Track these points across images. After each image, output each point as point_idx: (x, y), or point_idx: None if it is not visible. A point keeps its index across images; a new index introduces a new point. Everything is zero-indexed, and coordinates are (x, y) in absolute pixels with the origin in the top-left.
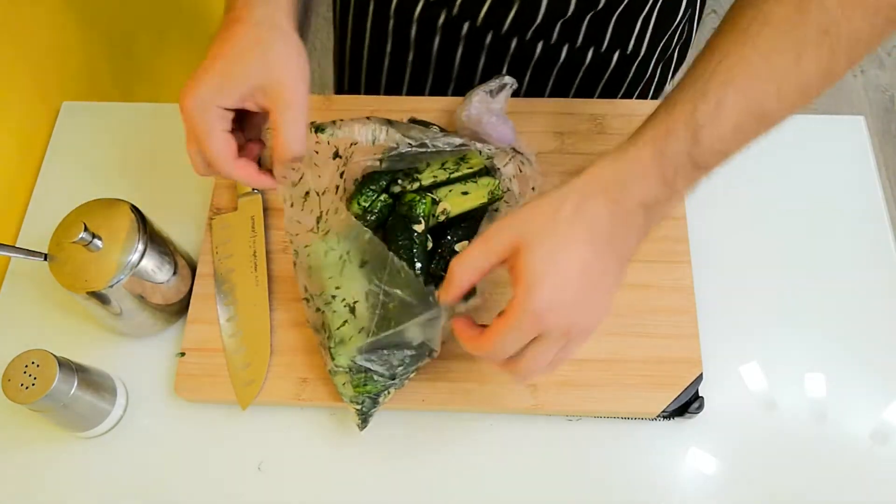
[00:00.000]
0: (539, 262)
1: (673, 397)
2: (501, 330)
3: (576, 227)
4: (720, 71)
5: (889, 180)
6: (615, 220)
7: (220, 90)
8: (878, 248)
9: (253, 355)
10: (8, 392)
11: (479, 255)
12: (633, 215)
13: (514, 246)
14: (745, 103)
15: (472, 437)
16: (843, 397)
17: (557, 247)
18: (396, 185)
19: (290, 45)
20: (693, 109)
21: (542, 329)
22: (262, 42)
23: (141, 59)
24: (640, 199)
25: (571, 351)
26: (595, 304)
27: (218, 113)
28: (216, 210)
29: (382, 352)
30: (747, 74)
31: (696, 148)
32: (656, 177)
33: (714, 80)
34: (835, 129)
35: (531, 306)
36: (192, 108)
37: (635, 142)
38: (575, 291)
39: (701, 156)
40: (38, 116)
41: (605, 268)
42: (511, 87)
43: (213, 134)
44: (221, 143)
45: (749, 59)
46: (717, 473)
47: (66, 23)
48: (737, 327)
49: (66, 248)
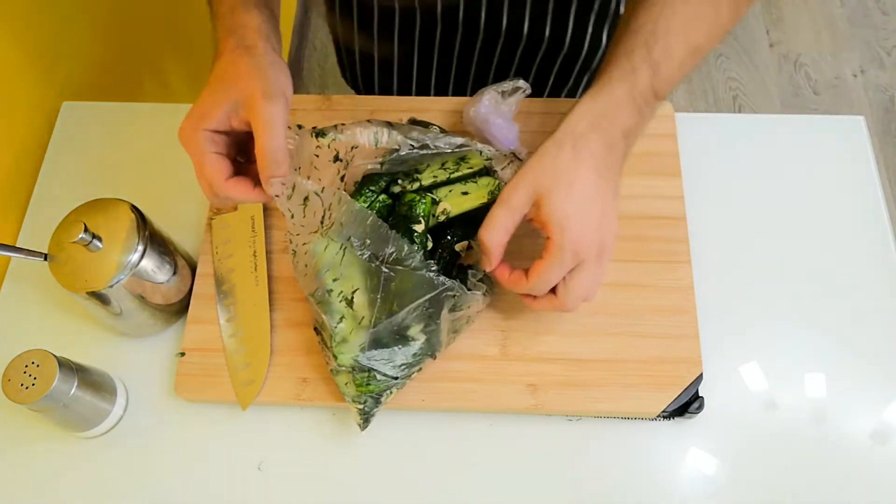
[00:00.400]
0: (560, 204)
1: (673, 397)
2: (545, 268)
3: (578, 164)
4: (662, 19)
5: (889, 180)
6: (606, 149)
7: (204, 115)
8: (878, 248)
9: (253, 355)
10: (8, 392)
11: (503, 217)
12: (618, 143)
13: (533, 199)
14: (685, 43)
15: (472, 437)
16: (843, 397)
17: (571, 187)
18: (396, 186)
19: (259, 60)
20: (649, 51)
21: (580, 258)
22: (234, 63)
23: (141, 59)
24: (621, 129)
25: (602, 273)
26: (610, 223)
27: (206, 136)
28: (216, 210)
29: (385, 350)
30: (684, 21)
31: (656, 80)
32: (630, 108)
33: (659, 27)
34: (835, 129)
35: (566, 242)
36: (184, 137)
37: (607, 83)
38: (595, 217)
39: (660, 86)
40: (38, 116)
41: (609, 190)
42: (524, 92)
43: (205, 157)
44: (212, 164)
45: (683, 10)
46: (717, 473)
47: (66, 23)
48: (737, 327)
49: (66, 248)
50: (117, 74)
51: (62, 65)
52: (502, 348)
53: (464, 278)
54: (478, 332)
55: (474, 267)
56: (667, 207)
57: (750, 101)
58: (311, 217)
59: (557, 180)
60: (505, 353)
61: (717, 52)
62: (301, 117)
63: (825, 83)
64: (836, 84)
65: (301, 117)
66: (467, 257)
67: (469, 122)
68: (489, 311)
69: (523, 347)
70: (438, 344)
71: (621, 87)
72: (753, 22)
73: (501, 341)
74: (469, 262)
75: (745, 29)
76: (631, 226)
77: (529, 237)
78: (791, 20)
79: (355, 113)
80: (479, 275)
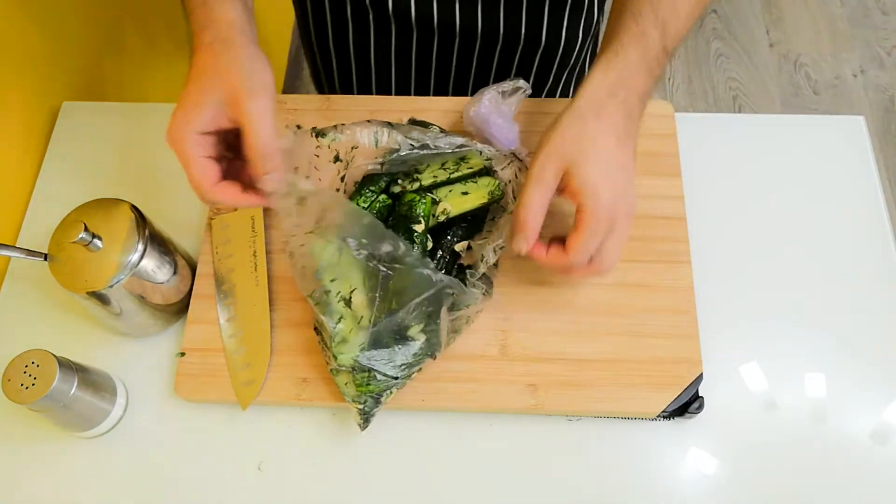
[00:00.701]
0: (590, 174)
1: (673, 397)
2: (585, 238)
3: (602, 133)
4: None
5: (889, 180)
6: (626, 116)
7: (190, 117)
8: (878, 248)
9: (253, 355)
10: (8, 392)
11: (538, 193)
12: (636, 108)
13: (563, 172)
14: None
15: (472, 437)
16: (843, 397)
17: (598, 156)
18: (396, 186)
19: (237, 54)
20: (655, 11)
21: (614, 223)
22: (213, 59)
23: (141, 59)
24: (638, 94)
25: (628, 235)
26: (633, 186)
27: (193, 140)
28: (216, 210)
29: (385, 350)
30: None
31: (666, 39)
32: (644, 72)
33: None
34: (835, 129)
35: (600, 210)
36: (172, 141)
37: (619, 48)
38: (622, 182)
39: (670, 44)
40: (38, 116)
41: (630, 156)
42: (525, 93)
43: (193, 161)
44: (199, 169)
45: None
46: (717, 473)
47: (66, 23)
48: (737, 327)
49: (66, 248)
50: (117, 74)
51: (62, 65)
52: (502, 348)
53: (463, 278)
54: (478, 332)
55: (474, 267)
56: (667, 207)
57: (750, 101)
58: (307, 217)
59: (584, 151)
60: (505, 353)
61: (718, 52)
62: (301, 117)
63: (825, 83)
64: (836, 84)
65: (301, 117)
66: (467, 257)
67: (469, 122)
68: (489, 311)
69: (523, 347)
70: (438, 344)
71: (634, 52)
72: (753, 22)
73: (501, 341)
74: (469, 262)
75: (745, 29)
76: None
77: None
78: (791, 20)
79: (355, 113)
80: (478, 274)
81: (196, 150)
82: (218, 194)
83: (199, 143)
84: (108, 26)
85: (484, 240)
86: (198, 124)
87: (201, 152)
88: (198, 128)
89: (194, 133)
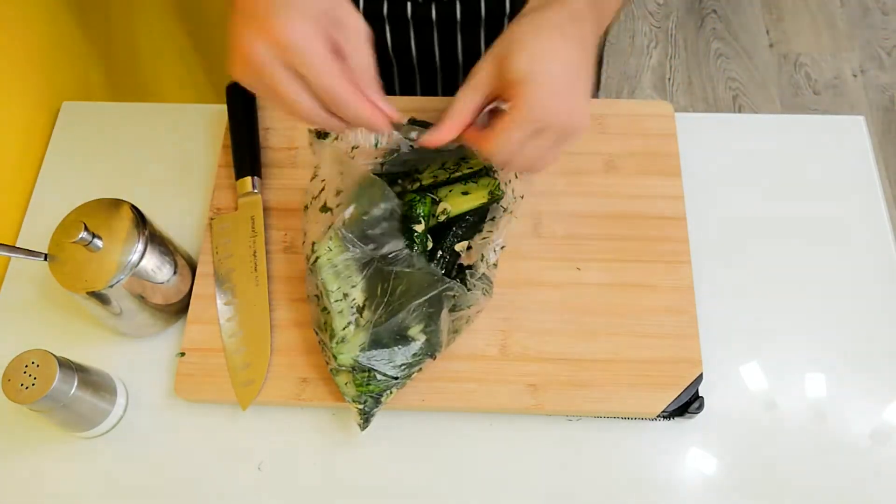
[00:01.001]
0: (528, 60)
1: (673, 397)
2: (506, 128)
3: (540, 29)
4: None
5: (889, 180)
6: (569, 19)
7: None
8: (877, 248)
9: (253, 355)
10: (8, 392)
11: (467, 88)
12: (583, 13)
13: (498, 61)
14: None
15: (472, 437)
16: (843, 397)
17: (542, 47)
18: (396, 185)
19: None
20: None
21: (542, 123)
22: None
23: (141, 59)
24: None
25: (558, 153)
26: (582, 101)
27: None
28: (216, 210)
29: (385, 350)
30: None
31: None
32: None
33: None
34: (835, 129)
35: (529, 102)
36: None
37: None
38: (564, 85)
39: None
40: (38, 116)
41: (580, 57)
42: None
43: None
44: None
45: None
46: (717, 473)
47: (65, 23)
48: (737, 327)
49: (66, 248)
50: (117, 74)
51: (62, 65)
52: (502, 348)
53: (463, 278)
54: (478, 332)
55: (474, 267)
56: (667, 207)
57: (750, 101)
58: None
59: (527, 40)
60: (505, 353)
61: (718, 52)
62: None
63: (825, 83)
64: (836, 84)
65: None
66: (467, 257)
67: None
68: (489, 311)
69: (523, 347)
70: (438, 344)
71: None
72: (753, 22)
73: (501, 341)
74: (469, 262)
75: (745, 29)
76: (631, 226)
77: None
78: (791, 20)
79: None
80: (478, 274)
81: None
82: (364, 106)
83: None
84: (107, 26)
85: (484, 240)
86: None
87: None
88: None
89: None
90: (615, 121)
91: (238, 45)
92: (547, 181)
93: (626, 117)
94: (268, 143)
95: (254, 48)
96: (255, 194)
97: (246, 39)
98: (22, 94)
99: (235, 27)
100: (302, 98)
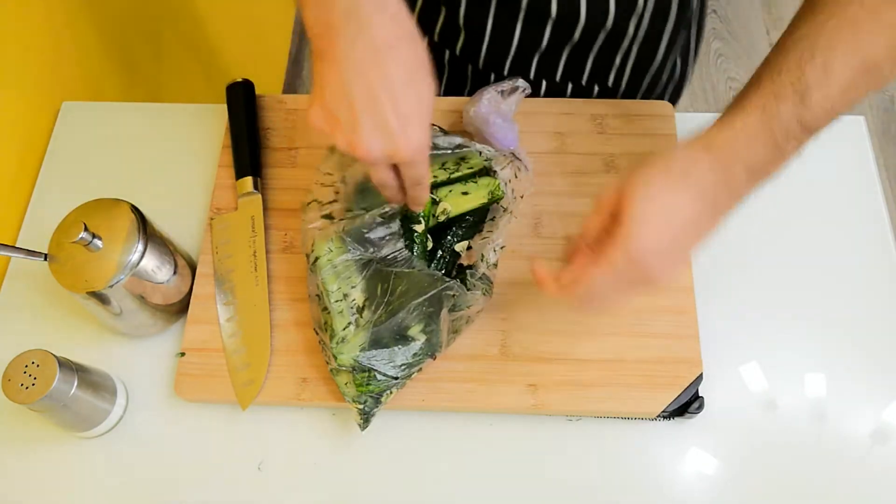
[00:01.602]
0: (645, 203)
1: (673, 397)
2: (597, 272)
3: (684, 182)
4: (826, 31)
5: (889, 180)
6: (720, 182)
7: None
8: (878, 248)
9: (253, 355)
10: (8, 392)
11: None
12: (738, 179)
13: (620, 191)
14: (854, 61)
15: (472, 437)
16: (843, 397)
17: (663, 192)
18: None
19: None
20: (802, 72)
21: (638, 276)
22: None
23: (141, 59)
24: (746, 165)
25: (640, 292)
26: (681, 259)
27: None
28: (216, 210)
29: (385, 350)
30: (855, 30)
31: (804, 110)
32: (764, 142)
33: (820, 41)
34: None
35: (632, 247)
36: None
37: (742, 108)
38: (671, 241)
39: (811, 118)
40: (38, 116)
41: (702, 228)
42: (523, 92)
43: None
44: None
45: (856, 17)
46: (717, 473)
47: (65, 23)
48: (737, 327)
49: (66, 248)
50: (117, 74)
51: (62, 65)
52: (502, 348)
53: (463, 278)
54: (478, 332)
55: (474, 267)
56: None
57: None
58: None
59: (652, 182)
60: (505, 353)
61: (718, 52)
62: (301, 117)
63: None
64: None
65: (301, 117)
66: (467, 257)
67: (469, 122)
68: (489, 311)
69: (523, 347)
70: (438, 344)
71: (755, 116)
72: (753, 22)
73: (501, 341)
74: (469, 262)
75: (745, 29)
76: None
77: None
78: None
79: None
80: (478, 274)
81: None
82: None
83: None
84: (107, 26)
85: (484, 240)
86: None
87: None
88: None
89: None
90: (615, 121)
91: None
92: (547, 181)
93: (626, 117)
94: (268, 143)
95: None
96: (255, 194)
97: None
98: (22, 94)
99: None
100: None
